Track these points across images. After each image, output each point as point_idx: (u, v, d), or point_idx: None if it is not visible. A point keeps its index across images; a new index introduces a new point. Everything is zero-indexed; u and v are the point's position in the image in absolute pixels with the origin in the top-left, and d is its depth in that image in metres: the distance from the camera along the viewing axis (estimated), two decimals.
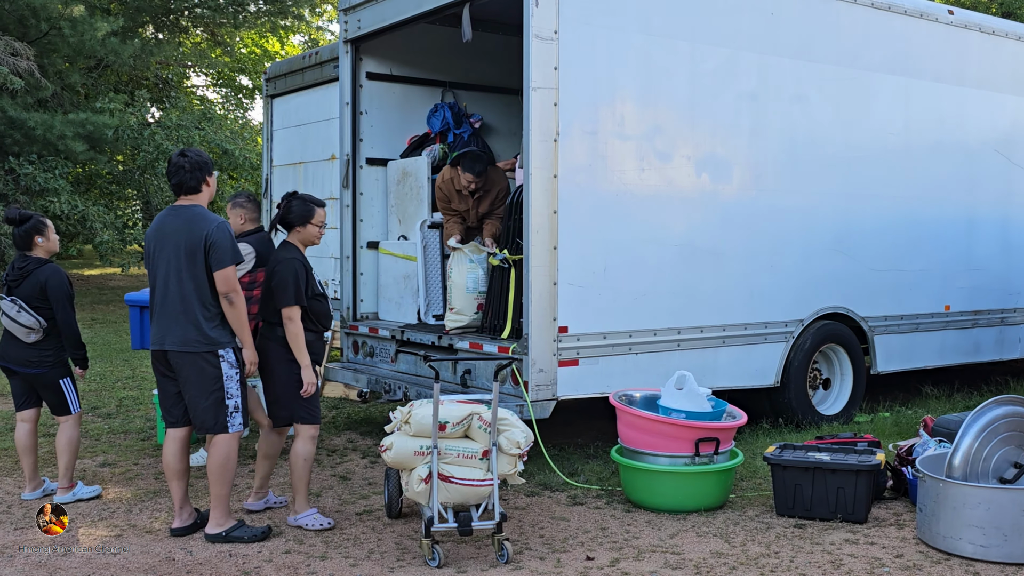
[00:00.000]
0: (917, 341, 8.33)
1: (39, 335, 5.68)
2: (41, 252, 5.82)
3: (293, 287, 5.19)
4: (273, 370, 5.28)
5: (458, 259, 7.12)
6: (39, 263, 5.77)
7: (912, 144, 8.16)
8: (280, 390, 5.31)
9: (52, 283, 5.68)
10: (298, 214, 5.41)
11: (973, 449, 4.94)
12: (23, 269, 5.73)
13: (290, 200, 5.47)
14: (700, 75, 6.85)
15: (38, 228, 5.82)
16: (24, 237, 5.79)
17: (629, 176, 6.51)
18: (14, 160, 16.12)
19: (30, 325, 5.63)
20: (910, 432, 7.28)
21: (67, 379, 5.83)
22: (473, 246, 7.18)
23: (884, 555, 4.77)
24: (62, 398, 5.81)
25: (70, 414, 5.83)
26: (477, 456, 4.83)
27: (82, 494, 5.80)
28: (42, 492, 5.88)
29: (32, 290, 5.67)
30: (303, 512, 5.29)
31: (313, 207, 5.44)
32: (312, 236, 5.46)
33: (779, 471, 5.39)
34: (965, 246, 8.62)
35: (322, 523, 5.25)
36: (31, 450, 5.89)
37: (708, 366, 6.85)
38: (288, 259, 5.28)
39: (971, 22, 8.53)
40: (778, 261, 7.30)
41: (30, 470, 5.88)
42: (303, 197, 5.48)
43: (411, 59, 8.22)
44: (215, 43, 24.69)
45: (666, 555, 4.78)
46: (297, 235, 5.43)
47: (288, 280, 5.19)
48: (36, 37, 16.97)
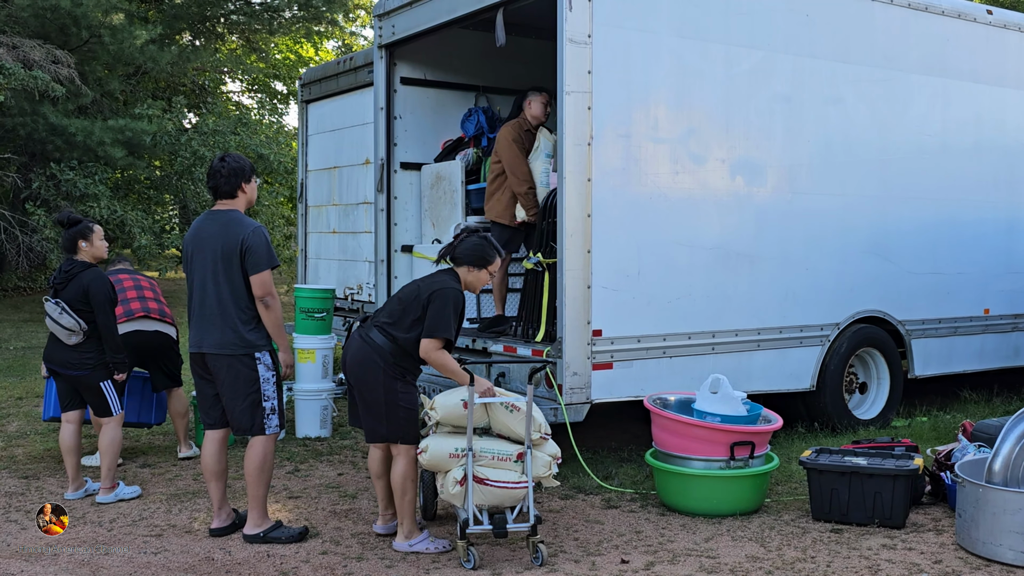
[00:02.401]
0: (955, 345, 8.23)
1: (80, 337, 5.78)
2: (86, 256, 5.95)
3: (451, 318, 4.83)
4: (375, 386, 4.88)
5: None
6: (84, 267, 5.89)
7: (950, 145, 8.07)
8: (379, 408, 4.91)
9: (94, 287, 5.79)
10: (478, 255, 4.97)
11: (1014, 454, 4.88)
12: (68, 272, 5.87)
13: (470, 236, 5.06)
14: (734, 77, 6.82)
15: (83, 233, 5.94)
16: (69, 241, 5.94)
17: (663, 179, 6.50)
18: (55, 166, 16.39)
19: (70, 327, 5.74)
20: (948, 437, 7.20)
21: (108, 381, 5.92)
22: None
23: (922, 561, 4.72)
24: (103, 400, 5.91)
25: (111, 416, 5.93)
26: (512, 459, 4.85)
27: (124, 494, 5.89)
28: (84, 492, 5.98)
29: (75, 293, 5.79)
30: (416, 537, 4.95)
31: (495, 254, 5.04)
32: (481, 282, 5.03)
33: (815, 475, 5.35)
34: (1005, 248, 8.51)
35: (439, 546, 4.92)
36: (74, 451, 6.00)
37: (743, 370, 6.82)
38: (452, 288, 4.89)
39: (1010, 22, 8.43)
40: (813, 264, 7.25)
41: (72, 470, 5.98)
42: (488, 239, 5.05)
43: (445, 63, 8.27)
44: (250, 49, 24.94)
45: (701, 559, 4.77)
46: (465, 273, 5.00)
47: (448, 310, 4.82)
48: (77, 45, 17.25)
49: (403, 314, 4.91)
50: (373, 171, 8.24)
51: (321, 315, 7.82)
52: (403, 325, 4.88)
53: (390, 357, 4.84)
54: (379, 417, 4.88)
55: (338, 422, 7.99)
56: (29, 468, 6.64)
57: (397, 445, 4.90)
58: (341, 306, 9.71)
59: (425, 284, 4.97)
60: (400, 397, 4.87)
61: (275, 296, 5.08)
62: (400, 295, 5.05)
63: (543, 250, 6.74)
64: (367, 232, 9.41)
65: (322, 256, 10.61)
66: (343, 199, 10.11)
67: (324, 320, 7.83)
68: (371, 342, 4.88)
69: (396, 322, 4.90)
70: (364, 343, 4.90)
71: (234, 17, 22.75)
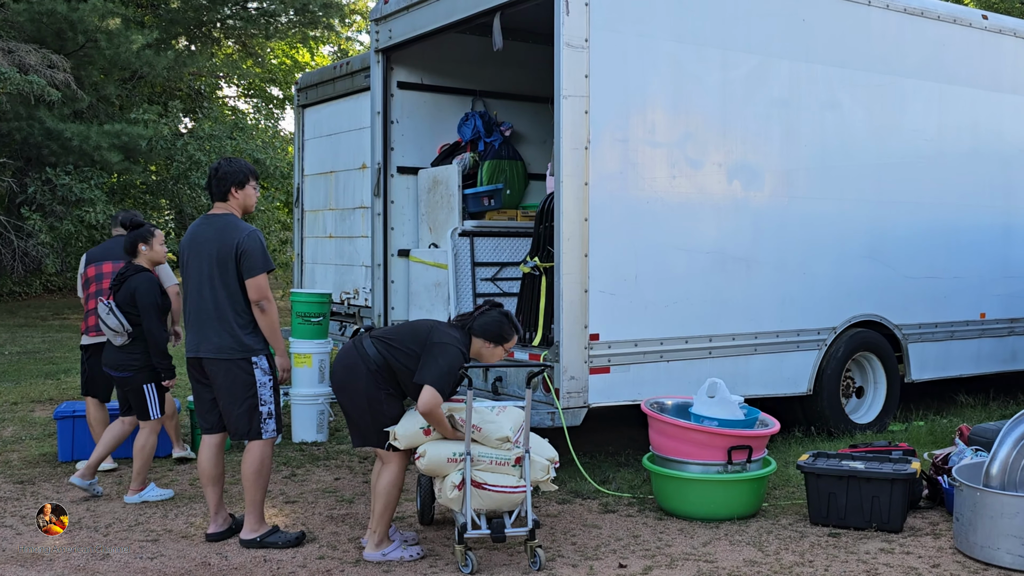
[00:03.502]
0: (952, 349, 8.24)
1: (124, 339, 5.89)
2: (144, 260, 6.06)
3: (448, 379, 4.68)
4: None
5: None
6: (136, 270, 6.00)
7: (946, 150, 8.09)
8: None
9: (141, 291, 5.89)
10: (495, 332, 4.86)
11: (1011, 458, 4.88)
12: (122, 275, 5.99)
13: (491, 309, 4.94)
14: (731, 82, 6.83)
15: (143, 236, 6.06)
16: (130, 243, 6.07)
17: (660, 183, 6.51)
18: (51, 171, 16.38)
19: (115, 328, 5.85)
20: (945, 441, 7.20)
21: (151, 385, 5.99)
22: None
23: (920, 565, 4.72)
24: (143, 403, 6.00)
25: (149, 419, 6.01)
26: (510, 463, 4.84)
27: (149, 496, 5.96)
28: (139, 498, 5.98)
29: (125, 296, 5.91)
30: (388, 547, 4.86)
31: (513, 332, 4.91)
32: (496, 357, 4.92)
33: (813, 479, 5.35)
34: (1001, 253, 8.53)
35: (412, 554, 4.85)
36: (136, 453, 6.00)
37: (740, 374, 6.82)
38: (459, 348, 4.74)
39: (1005, 27, 8.45)
40: (810, 268, 7.26)
41: (140, 478, 6.03)
42: (509, 316, 4.93)
43: (442, 68, 8.27)
44: (247, 54, 24.96)
45: (699, 563, 4.76)
46: (480, 346, 4.88)
47: (445, 365, 4.66)
48: (73, 50, 17.25)
49: (406, 340, 4.80)
50: (370, 175, 8.23)
51: (317, 319, 7.81)
52: (401, 351, 4.77)
53: (373, 366, 4.75)
54: (365, 424, 4.81)
55: (334, 426, 7.98)
56: (24, 473, 6.62)
57: (387, 452, 4.83)
58: (338, 311, 9.69)
59: (438, 328, 4.82)
60: (384, 406, 4.77)
61: (271, 300, 5.07)
62: (413, 323, 4.98)
63: (540, 254, 6.73)
64: (364, 237, 9.39)
65: (318, 261, 10.59)
66: (340, 204, 10.10)
67: (320, 324, 7.82)
68: (361, 350, 4.81)
69: (394, 341, 4.81)
70: (353, 350, 4.85)
71: (230, 22, 22.76)
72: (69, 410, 7.00)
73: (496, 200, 7.92)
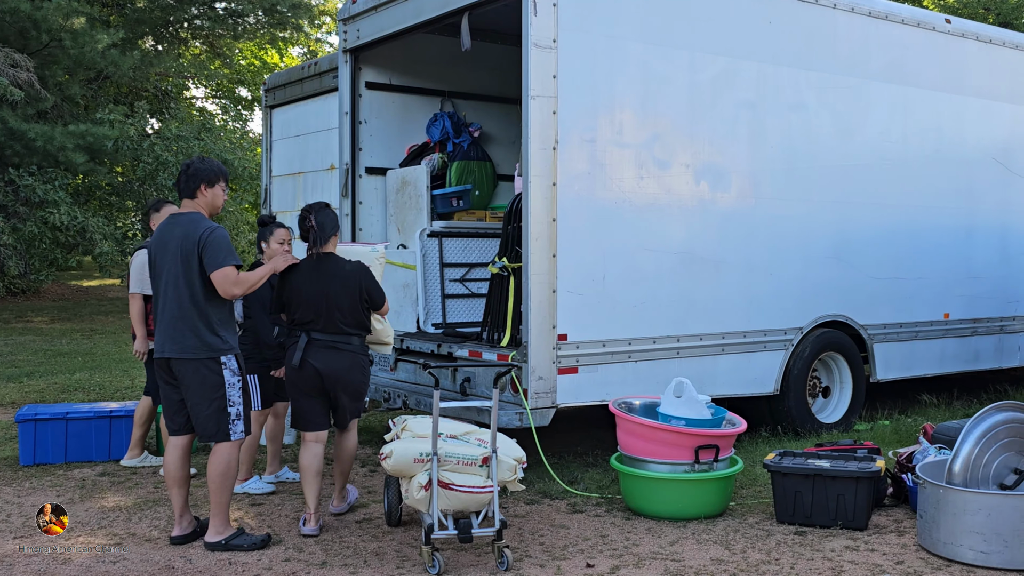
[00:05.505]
0: (916, 349, 8.33)
1: (237, 331, 5.81)
2: (264, 256, 6.05)
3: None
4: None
5: None
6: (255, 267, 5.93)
7: (910, 152, 8.18)
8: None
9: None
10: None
11: (973, 455, 4.94)
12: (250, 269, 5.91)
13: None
14: (698, 83, 6.87)
15: (263, 235, 6.07)
16: (258, 240, 6.11)
17: (628, 184, 6.53)
18: (14, 171, 16.15)
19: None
20: (910, 440, 7.28)
21: (255, 376, 6.04)
22: None
23: (885, 561, 4.76)
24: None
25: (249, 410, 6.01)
26: (477, 463, 4.83)
27: (251, 488, 6.14)
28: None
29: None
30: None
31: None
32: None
33: (779, 478, 5.38)
34: (964, 254, 8.64)
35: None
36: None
37: (707, 374, 6.85)
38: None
39: (968, 31, 8.57)
40: (777, 269, 7.31)
41: (244, 469, 6.13)
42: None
43: (410, 68, 8.25)
44: (214, 55, 24.76)
45: (666, 562, 4.77)
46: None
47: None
48: (37, 49, 17.02)
49: (348, 310, 5.27)
50: (338, 176, 8.19)
51: None
52: (355, 319, 5.28)
53: (364, 350, 5.35)
54: (360, 399, 5.39)
55: None
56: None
57: (353, 421, 5.43)
58: None
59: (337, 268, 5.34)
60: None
61: (239, 284, 4.97)
62: (328, 297, 5.26)
63: (509, 255, 6.73)
64: None
65: None
66: None
67: None
68: (350, 347, 5.28)
69: (350, 319, 5.28)
70: (342, 352, 5.26)
71: (198, 22, 22.58)
72: (31, 413, 6.89)
73: (465, 201, 7.91)
